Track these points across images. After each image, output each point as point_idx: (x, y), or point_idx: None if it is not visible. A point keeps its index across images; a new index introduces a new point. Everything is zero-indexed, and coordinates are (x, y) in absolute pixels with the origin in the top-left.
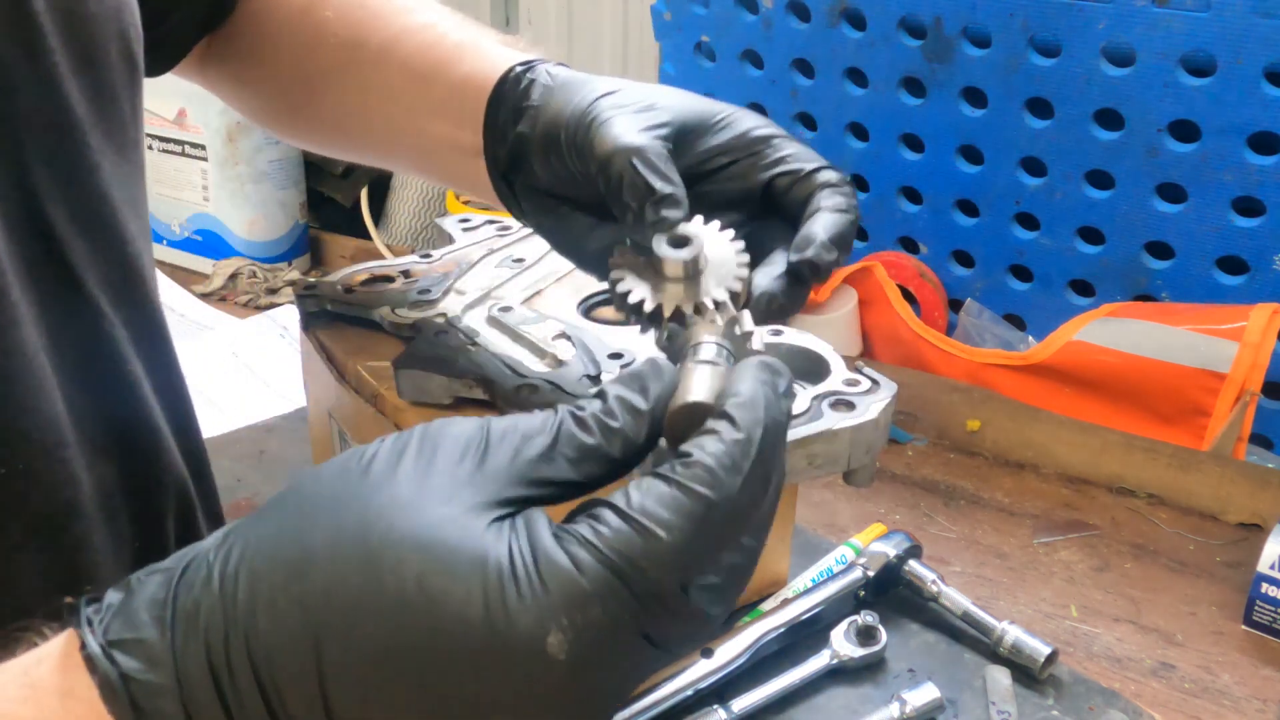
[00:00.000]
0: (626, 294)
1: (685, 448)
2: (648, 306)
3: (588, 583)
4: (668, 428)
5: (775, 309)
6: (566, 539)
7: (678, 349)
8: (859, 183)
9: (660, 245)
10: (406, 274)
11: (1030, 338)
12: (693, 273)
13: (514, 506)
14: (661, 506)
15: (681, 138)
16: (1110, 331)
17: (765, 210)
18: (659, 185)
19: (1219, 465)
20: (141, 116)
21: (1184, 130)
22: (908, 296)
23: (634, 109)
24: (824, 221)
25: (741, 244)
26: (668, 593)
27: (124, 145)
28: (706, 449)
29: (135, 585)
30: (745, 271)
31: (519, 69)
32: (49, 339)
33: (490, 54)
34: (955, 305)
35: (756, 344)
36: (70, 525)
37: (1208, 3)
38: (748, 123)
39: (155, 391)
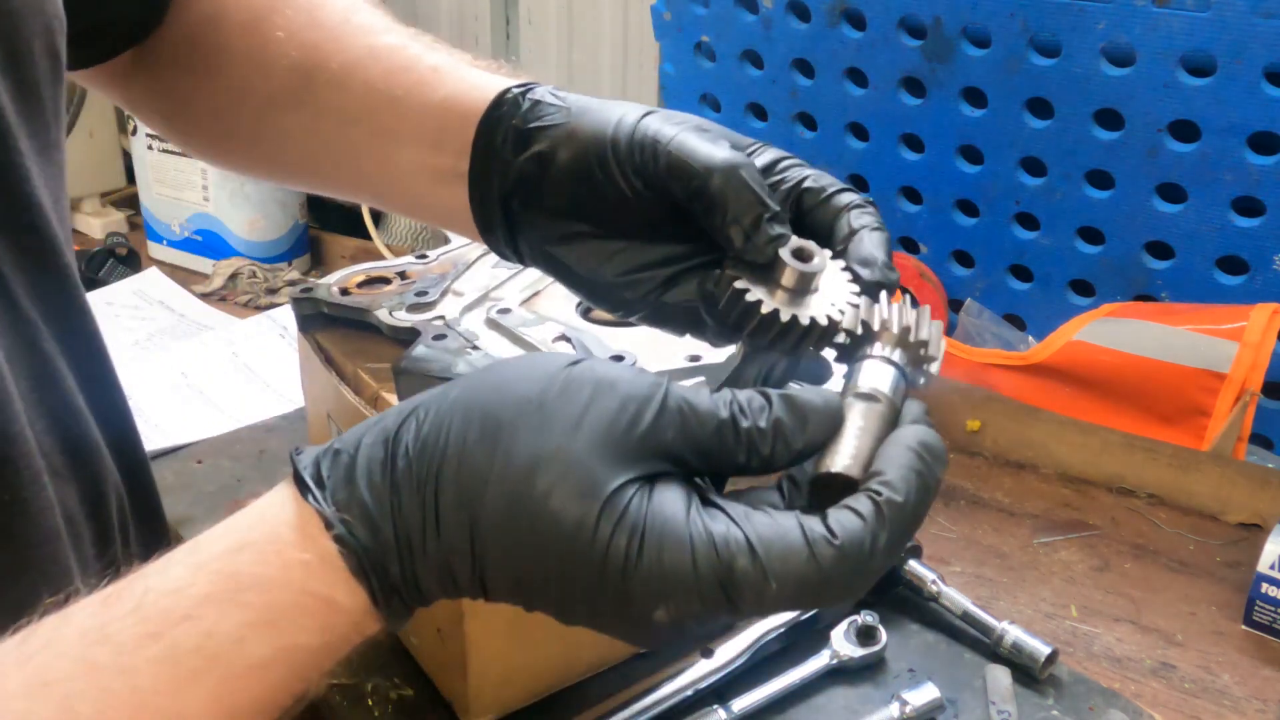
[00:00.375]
0: (758, 303)
1: (832, 513)
2: (784, 316)
3: (696, 579)
4: (810, 487)
5: None
6: (695, 524)
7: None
8: (859, 183)
9: (788, 256)
10: (403, 275)
11: (1030, 338)
12: (814, 286)
13: (661, 466)
14: (786, 562)
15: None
16: (1110, 331)
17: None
18: (771, 201)
19: (1219, 465)
20: (64, 116)
21: (1184, 130)
22: None
23: (691, 127)
24: (874, 241)
25: (843, 262)
26: (753, 611)
27: (47, 146)
28: (845, 526)
29: (347, 460)
30: (856, 289)
31: (517, 90)
32: (4, 357)
33: (472, 78)
34: (955, 305)
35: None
36: (57, 553)
37: (1208, 3)
38: (773, 153)
39: (92, 407)
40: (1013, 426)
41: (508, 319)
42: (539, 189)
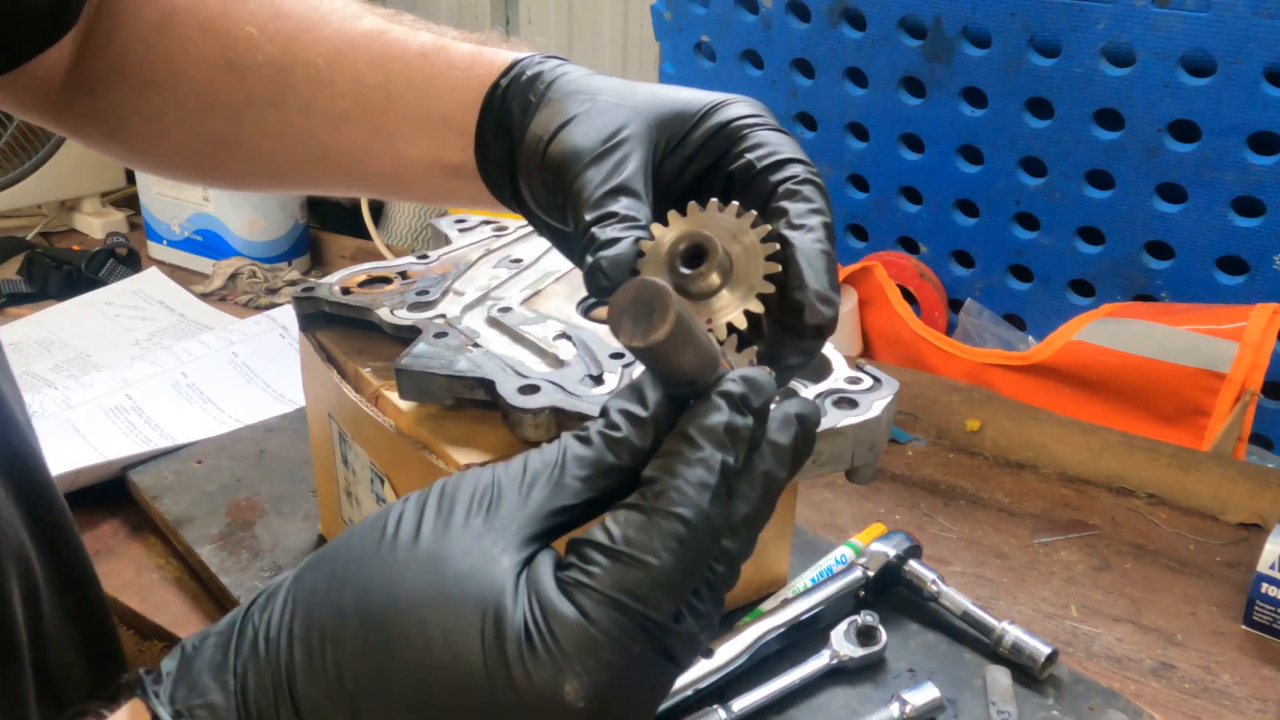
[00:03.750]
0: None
1: (649, 473)
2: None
3: (595, 628)
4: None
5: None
6: (567, 586)
7: None
8: (858, 183)
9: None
10: (404, 275)
11: (1030, 338)
12: (702, 291)
13: (539, 543)
14: (643, 534)
15: (660, 135)
16: (1110, 331)
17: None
18: (598, 190)
19: (1219, 465)
20: None
21: (1184, 130)
22: (908, 296)
23: (580, 118)
24: (807, 262)
25: (764, 229)
26: (668, 615)
27: None
28: (674, 473)
29: (191, 652)
30: (775, 266)
31: (504, 84)
32: None
33: (460, 60)
34: (955, 305)
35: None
36: None
37: (1208, 3)
38: (732, 112)
39: None
40: (1013, 426)
41: (508, 317)
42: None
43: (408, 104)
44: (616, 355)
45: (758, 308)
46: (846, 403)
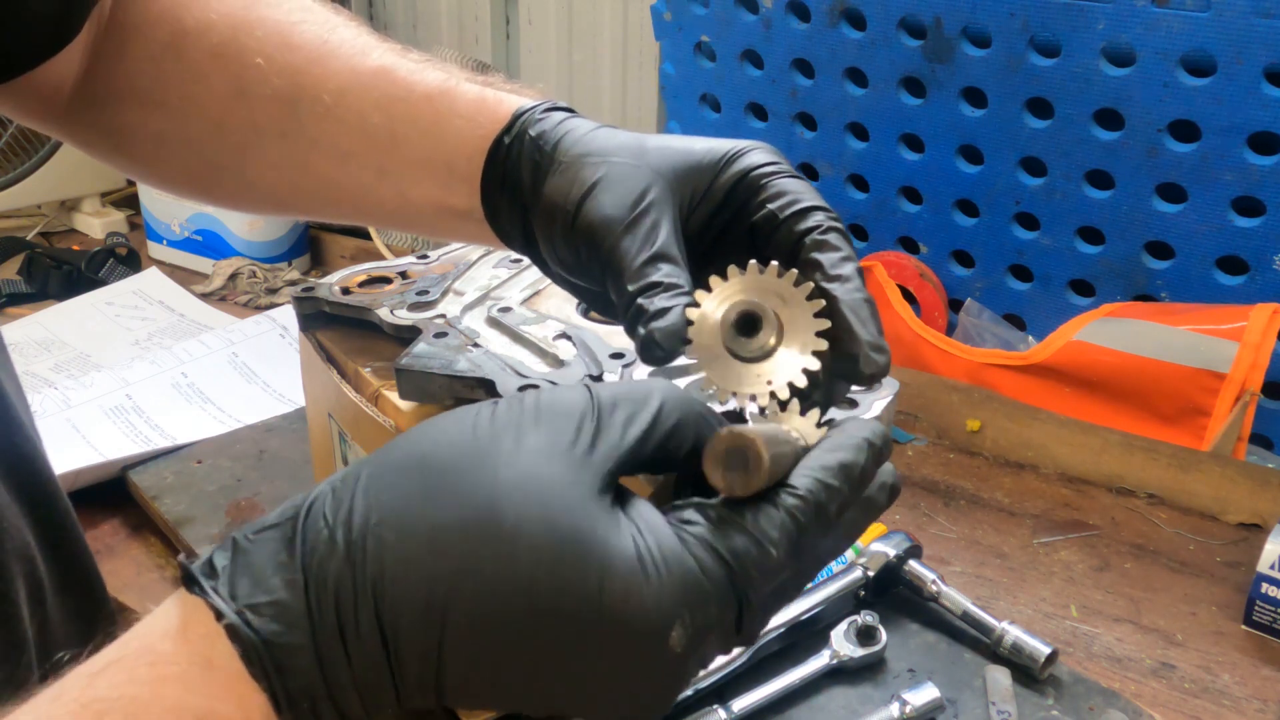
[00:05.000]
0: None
1: (793, 481)
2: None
3: (709, 583)
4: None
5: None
6: (688, 538)
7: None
8: (858, 183)
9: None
10: (404, 275)
11: (1030, 338)
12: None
13: (619, 476)
14: (772, 527)
15: (682, 192)
16: (1110, 331)
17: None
18: (638, 260)
19: (1219, 465)
20: None
21: (1184, 130)
22: (908, 296)
23: (619, 200)
24: (853, 313)
25: (808, 286)
26: (765, 598)
27: None
28: (815, 483)
29: (247, 546)
30: (825, 322)
31: (507, 141)
32: None
33: (466, 108)
34: (955, 305)
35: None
36: None
37: (1208, 3)
38: (749, 160)
39: None
40: (1013, 426)
41: (508, 317)
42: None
43: (412, 146)
44: (616, 355)
45: (814, 365)
46: (846, 403)
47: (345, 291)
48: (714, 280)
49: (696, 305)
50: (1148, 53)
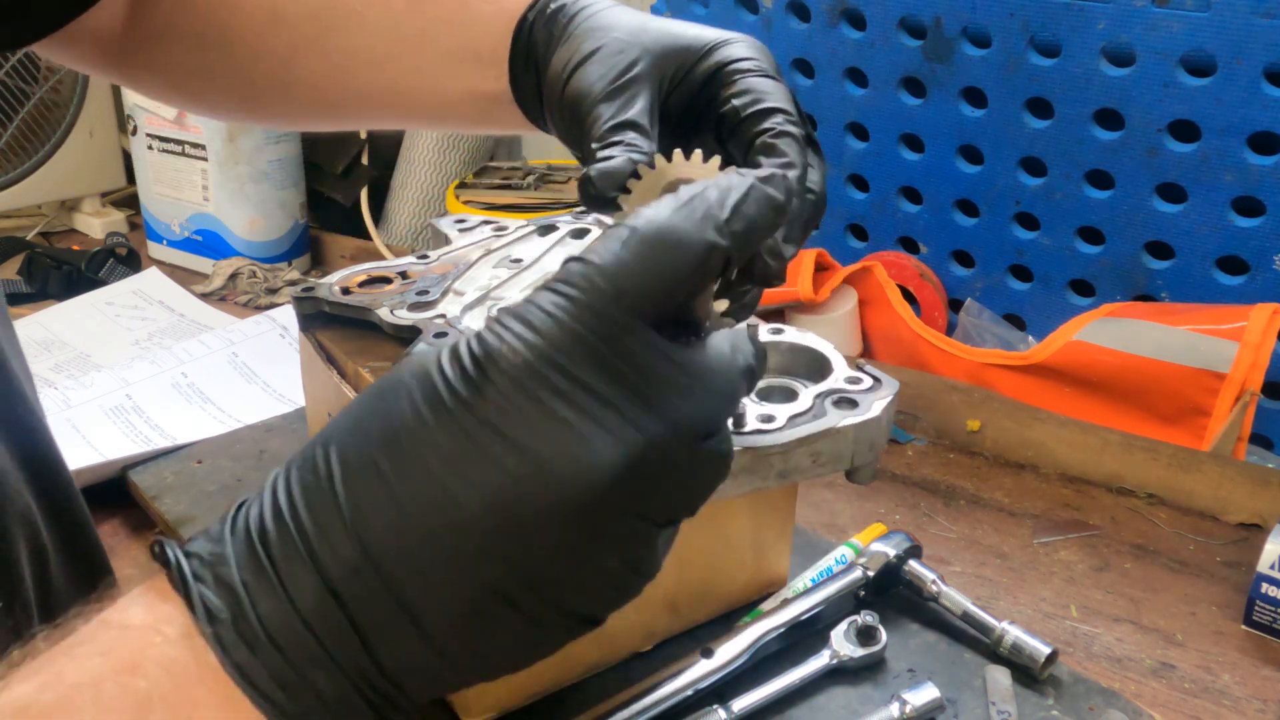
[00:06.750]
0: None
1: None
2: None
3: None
4: None
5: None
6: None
7: None
8: (858, 183)
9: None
10: (404, 275)
11: (1030, 338)
12: None
13: None
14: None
15: (665, 71)
16: (1110, 331)
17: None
18: (604, 125)
19: (1219, 465)
20: None
21: (1184, 130)
22: (908, 296)
23: (605, 70)
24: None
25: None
26: (618, 321)
27: None
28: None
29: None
30: None
31: (530, 17)
32: None
33: None
34: (955, 305)
35: (764, 335)
36: None
37: (1208, 3)
38: (728, 53)
39: None
40: (1013, 426)
41: None
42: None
43: (442, 40)
44: None
45: None
46: (846, 403)
47: (345, 291)
48: (659, 158)
49: (651, 167)
50: (1148, 53)
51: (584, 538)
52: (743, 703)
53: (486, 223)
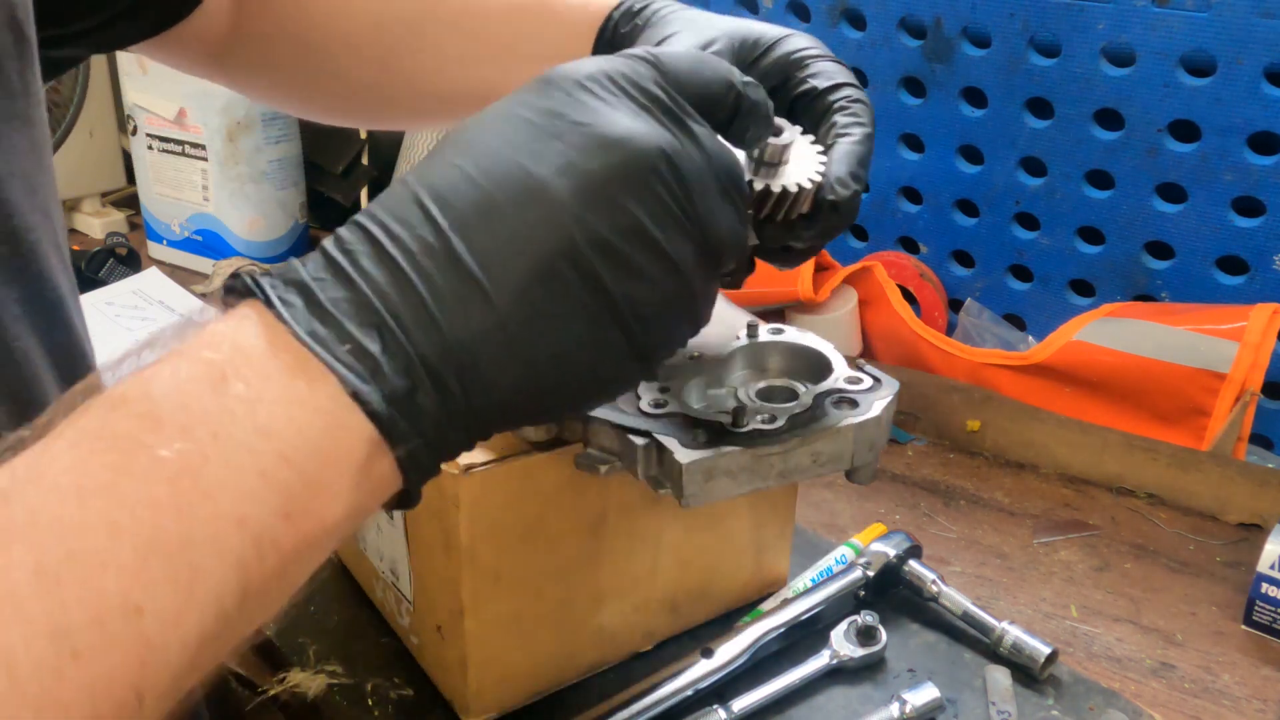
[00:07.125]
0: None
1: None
2: (757, 185)
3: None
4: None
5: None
6: None
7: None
8: None
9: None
10: None
11: (1030, 338)
12: (785, 159)
13: None
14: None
15: (738, 55)
16: (1110, 331)
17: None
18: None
19: (1219, 465)
20: (37, 92)
21: (1184, 130)
22: (908, 296)
23: (691, 43)
24: (840, 158)
25: (820, 147)
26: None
27: (12, 116)
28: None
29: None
30: (823, 167)
31: (616, 16)
32: None
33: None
34: (955, 305)
35: (764, 334)
36: None
37: (1208, 3)
38: (795, 43)
39: (54, 368)
40: (1013, 426)
41: None
42: None
43: (530, 41)
44: None
45: (808, 185)
46: (846, 403)
47: None
48: None
49: None
50: (1148, 53)
51: (638, 205)
52: (743, 703)
53: None
